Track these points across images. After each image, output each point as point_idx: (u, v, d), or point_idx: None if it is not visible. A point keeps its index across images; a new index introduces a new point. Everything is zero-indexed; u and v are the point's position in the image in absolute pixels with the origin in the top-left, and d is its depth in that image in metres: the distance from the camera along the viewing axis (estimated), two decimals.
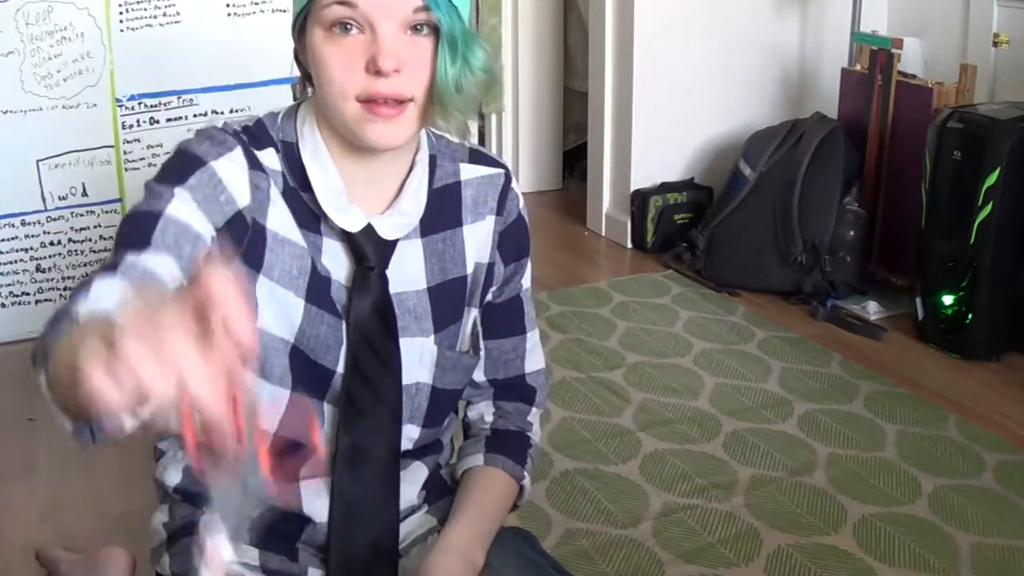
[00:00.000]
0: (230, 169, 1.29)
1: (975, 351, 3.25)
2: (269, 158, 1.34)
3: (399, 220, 1.37)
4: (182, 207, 1.25)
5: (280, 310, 1.34)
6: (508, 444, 1.56)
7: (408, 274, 1.41)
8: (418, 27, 1.24)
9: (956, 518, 2.42)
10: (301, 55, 1.32)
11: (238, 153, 1.30)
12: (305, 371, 1.37)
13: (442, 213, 1.43)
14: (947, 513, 2.44)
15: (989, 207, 3.14)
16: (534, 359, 1.60)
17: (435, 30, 1.25)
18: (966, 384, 3.10)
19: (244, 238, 1.30)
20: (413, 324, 1.41)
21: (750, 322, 3.50)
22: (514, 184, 1.51)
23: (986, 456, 2.68)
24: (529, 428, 1.60)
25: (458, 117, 1.30)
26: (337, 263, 1.36)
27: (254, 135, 1.34)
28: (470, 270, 1.47)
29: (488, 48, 1.30)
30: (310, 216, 1.34)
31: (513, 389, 1.60)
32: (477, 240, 1.47)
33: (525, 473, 1.56)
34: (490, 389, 1.59)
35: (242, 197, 1.29)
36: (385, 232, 1.36)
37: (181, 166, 1.28)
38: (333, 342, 1.36)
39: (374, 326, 1.37)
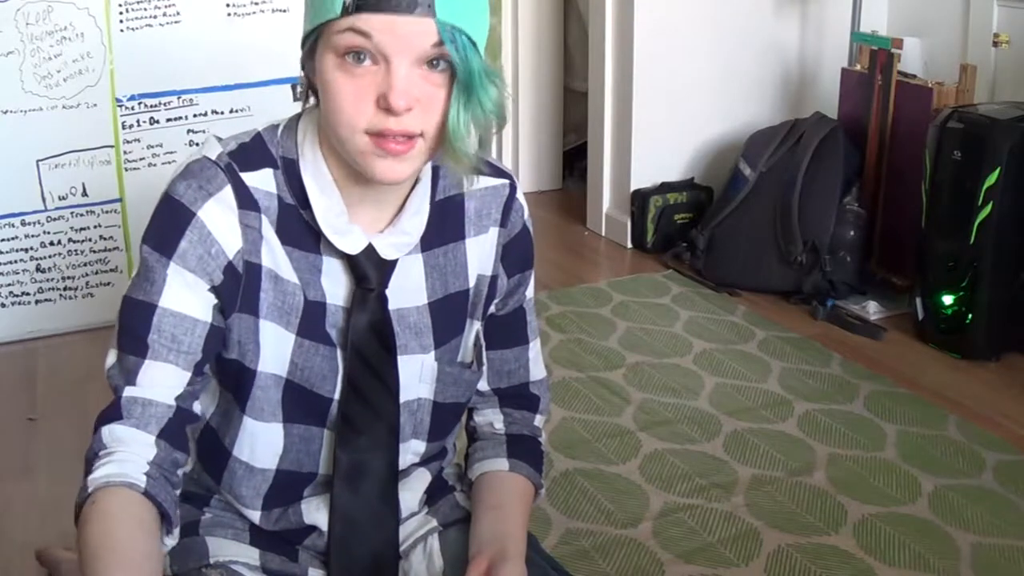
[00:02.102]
0: (217, 215, 1.28)
1: (975, 351, 3.25)
2: (264, 179, 1.32)
3: (400, 239, 1.35)
4: (176, 292, 1.27)
5: (272, 347, 1.33)
6: (528, 451, 1.57)
7: (409, 290, 1.39)
8: (434, 62, 1.21)
9: (956, 518, 2.42)
10: (309, 70, 1.29)
11: (227, 192, 1.28)
12: (301, 402, 1.37)
13: (444, 227, 1.41)
14: (947, 513, 2.44)
15: (989, 207, 3.14)
16: (537, 368, 1.60)
17: (451, 64, 1.22)
18: (966, 384, 3.10)
19: (239, 288, 1.30)
20: (413, 341, 1.40)
21: (750, 322, 3.50)
22: (519, 195, 1.49)
23: (986, 456, 2.68)
24: (539, 434, 1.60)
25: (466, 160, 1.28)
26: (336, 282, 1.35)
27: (249, 155, 1.32)
28: (472, 283, 1.45)
29: (501, 84, 1.26)
30: (309, 235, 1.33)
31: (518, 398, 1.59)
32: (480, 253, 1.45)
33: (543, 484, 1.57)
34: (495, 397, 1.59)
35: (232, 243, 1.29)
36: (386, 252, 1.34)
37: (171, 224, 1.28)
38: (329, 371, 1.36)
39: (371, 345, 1.36)
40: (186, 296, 1.27)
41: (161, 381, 1.28)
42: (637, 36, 4.02)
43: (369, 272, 1.34)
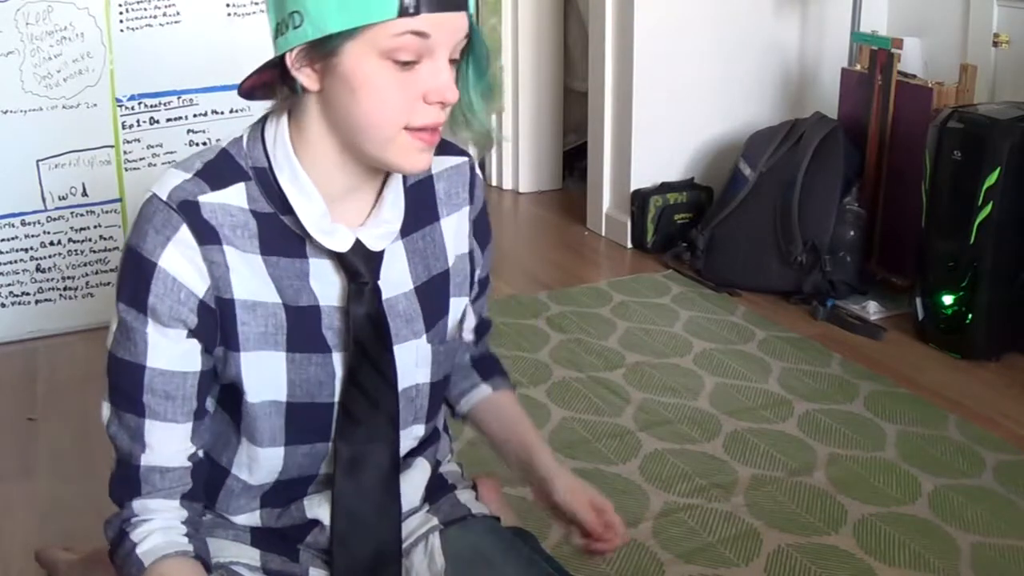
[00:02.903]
0: (178, 258, 1.27)
1: (975, 351, 3.25)
2: (236, 195, 1.30)
3: (383, 229, 1.36)
4: (159, 351, 1.30)
5: (264, 374, 1.34)
6: (491, 366, 1.68)
7: (394, 278, 1.39)
8: (456, 58, 1.26)
9: (956, 518, 2.43)
10: (313, 76, 1.25)
11: (184, 233, 1.27)
12: (305, 420, 1.37)
13: (418, 211, 1.42)
14: (947, 513, 2.45)
15: (989, 207, 3.14)
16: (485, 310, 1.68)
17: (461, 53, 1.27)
18: (966, 384, 3.10)
19: (216, 324, 1.31)
20: (405, 328, 1.41)
21: (750, 322, 3.50)
22: (476, 169, 1.52)
23: (986, 456, 2.68)
24: (488, 348, 1.71)
25: (483, 130, 1.33)
26: (327, 283, 1.35)
27: (218, 172, 1.31)
28: (451, 262, 1.46)
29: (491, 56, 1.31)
30: (293, 240, 1.32)
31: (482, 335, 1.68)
32: (455, 231, 1.47)
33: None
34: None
35: (199, 283, 1.28)
36: (372, 244, 1.35)
37: (137, 278, 1.28)
38: (325, 377, 1.36)
39: (370, 339, 1.36)
40: (169, 352, 1.30)
41: (169, 444, 1.33)
42: (637, 36, 4.02)
43: (360, 267, 1.34)
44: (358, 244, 1.33)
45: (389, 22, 1.18)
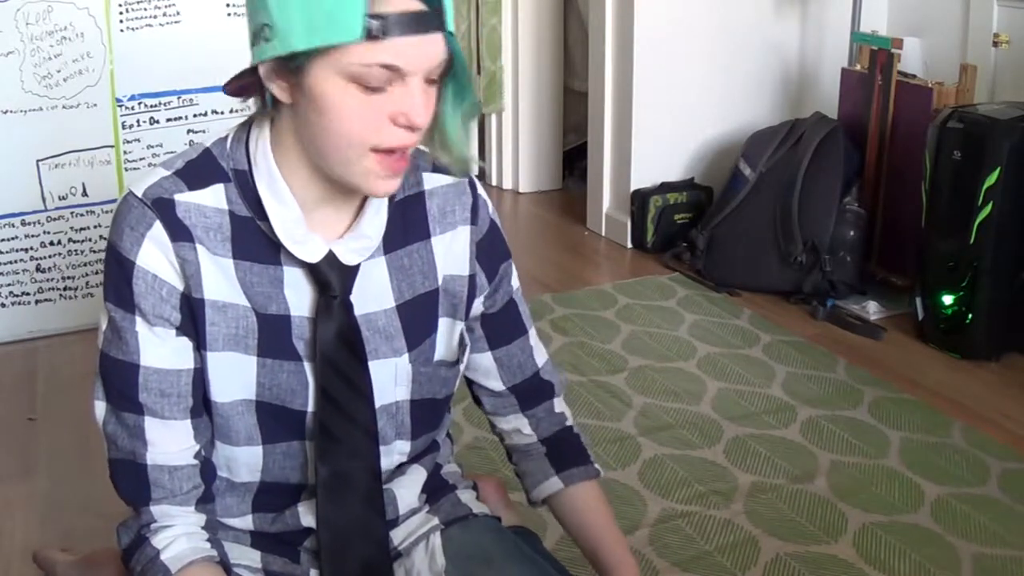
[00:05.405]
0: (155, 255, 1.28)
1: (975, 351, 3.25)
2: (214, 196, 1.30)
3: (360, 244, 1.34)
4: (151, 349, 1.30)
5: (234, 375, 1.33)
6: (568, 452, 1.61)
7: (374, 294, 1.38)
8: (433, 78, 1.22)
9: (958, 527, 2.41)
10: (285, 89, 1.24)
11: (157, 230, 1.27)
12: (276, 421, 1.37)
13: (406, 227, 1.40)
14: (949, 522, 2.43)
15: (989, 207, 3.14)
16: (540, 352, 1.61)
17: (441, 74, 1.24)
18: (966, 384, 3.10)
19: (193, 319, 1.31)
20: (384, 345, 1.39)
21: (755, 326, 3.49)
22: (480, 190, 1.48)
23: (991, 464, 2.65)
24: (566, 419, 1.63)
25: (461, 156, 1.31)
26: (300, 293, 1.34)
27: (198, 172, 1.31)
28: (441, 282, 1.44)
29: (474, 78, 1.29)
30: (268, 246, 1.32)
31: (534, 391, 1.60)
32: (448, 251, 1.44)
33: (596, 467, 1.63)
34: (511, 397, 1.59)
35: (176, 279, 1.29)
36: (347, 257, 1.33)
37: (119, 277, 1.29)
38: (298, 385, 1.35)
39: (340, 353, 1.35)
40: (160, 350, 1.30)
41: (171, 441, 1.33)
42: (637, 36, 4.01)
43: (331, 279, 1.33)
44: (332, 256, 1.32)
45: (357, 50, 1.16)
